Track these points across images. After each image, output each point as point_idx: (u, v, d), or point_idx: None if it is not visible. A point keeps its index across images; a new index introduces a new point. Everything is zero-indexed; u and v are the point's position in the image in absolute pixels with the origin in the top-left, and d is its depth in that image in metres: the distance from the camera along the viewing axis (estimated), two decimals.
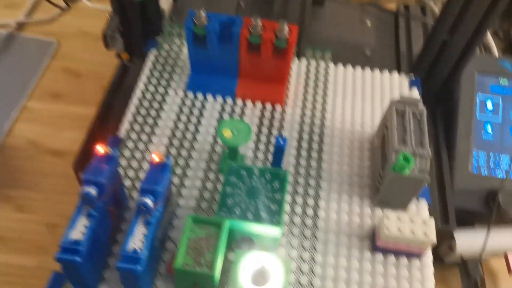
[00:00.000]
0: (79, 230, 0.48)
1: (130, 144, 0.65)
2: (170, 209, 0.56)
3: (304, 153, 0.66)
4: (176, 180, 0.62)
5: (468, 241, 0.73)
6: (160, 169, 0.51)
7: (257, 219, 0.51)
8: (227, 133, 0.57)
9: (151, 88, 0.72)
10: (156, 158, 0.51)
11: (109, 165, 0.51)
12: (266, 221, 0.51)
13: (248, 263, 0.51)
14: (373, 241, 0.58)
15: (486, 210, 0.75)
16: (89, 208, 0.49)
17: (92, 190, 0.49)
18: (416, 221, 0.55)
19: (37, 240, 0.80)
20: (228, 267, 0.55)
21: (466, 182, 0.76)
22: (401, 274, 0.56)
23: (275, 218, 0.51)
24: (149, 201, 0.49)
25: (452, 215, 0.72)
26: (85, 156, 0.73)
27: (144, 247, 0.48)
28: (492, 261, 0.79)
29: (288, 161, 0.65)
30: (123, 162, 0.64)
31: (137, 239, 0.48)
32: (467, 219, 0.77)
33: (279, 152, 0.56)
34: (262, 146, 0.66)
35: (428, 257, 0.58)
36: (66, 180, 0.85)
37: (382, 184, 0.59)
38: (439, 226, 0.70)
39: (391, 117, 0.60)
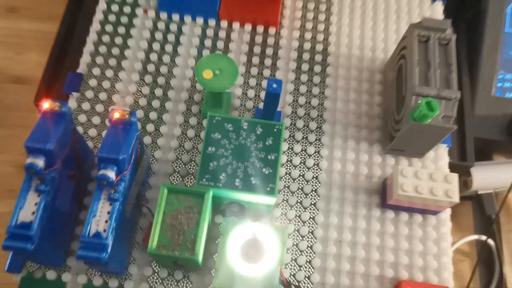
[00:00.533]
0: (29, 210, 0.40)
1: (92, 82, 0.54)
2: (144, 166, 0.46)
3: (303, 88, 0.55)
4: (150, 127, 0.52)
5: (485, 177, 0.65)
6: (122, 129, 0.41)
7: (247, 187, 0.42)
8: (207, 74, 0.46)
9: (115, 8, 0.58)
10: (116, 114, 0.41)
11: (59, 125, 0.41)
12: (258, 190, 0.42)
13: (238, 235, 0.43)
14: (383, 196, 0.50)
15: (509, 139, 0.66)
16: (38, 182, 0.40)
17: (38, 161, 0.39)
18: (437, 178, 0.46)
19: (8, 182, 0.72)
20: (216, 233, 0.47)
21: (488, 107, 0.66)
22: (414, 234, 0.49)
23: (269, 185, 0.42)
24: (110, 173, 0.39)
25: (470, 150, 0.63)
26: (47, 87, 0.62)
27: (110, 228, 0.39)
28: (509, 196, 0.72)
29: (284, 100, 0.54)
30: (85, 105, 0.53)
31: (101, 220, 0.40)
32: (485, 150, 0.69)
33: (272, 99, 0.45)
34: (252, 81, 0.55)
35: (446, 213, 0.50)
36: (32, 112, 0.75)
37: (397, 131, 0.49)
38: (455, 161, 0.62)
39: (411, 46, 0.48)
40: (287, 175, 0.50)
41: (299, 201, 0.50)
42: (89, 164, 0.49)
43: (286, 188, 0.50)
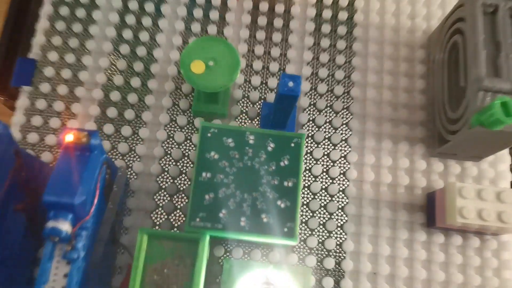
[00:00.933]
0: None
1: (48, 72, 0.41)
2: (119, 189, 0.35)
3: (323, 72, 0.42)
4: (126, 130, 0.40)
5: None
6: (79, 157, 0.29)
7: (257, 228, 0.31)
8: (198, 67, 0.33)
9: None
10: (69, 137, 0.29)
11: None
12: (272, 232, 0.31)
13: (247, 285, 0.33)
14: (430, 214, 0.39)
15: None
16: None
17: None
18: (506, 198, 0.35)
19: None
20: (216, 270, 0.37)
21: None
22: (470, 263, 0.38)
23: (286, 224, 0.31)
24: (63, 225, 0.28)
25: None
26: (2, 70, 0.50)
27: None
28: None
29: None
30: (40, 103, 0.40)
31: (56, 286, 0.29)
32: None
33: (287, 102, 0.33)
34: (257, 64, 0.42)
35: (509, 234, 0.39)
36: None
37: (452, 132, 0.37)
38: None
39: (474, 20, 0.35)
40: (306, 189, 0.39)
41: (321, 223, 0.39)
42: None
43: (305, 207, 0.39)
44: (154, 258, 0.31)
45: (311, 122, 0.41)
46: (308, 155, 0.40)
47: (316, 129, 0.41)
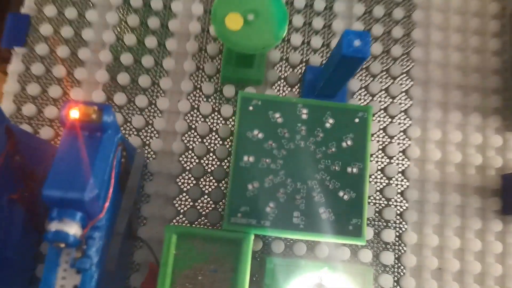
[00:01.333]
0: None
1: (45, 29, 0.34)
2: (136, 175, 0.28)
3: (378, 29, 0.35)
4: (141, 100, 0.33)
5: None
6: (89, 138, 0.23)
7: (313, 226, 0.25)
8: (234, 21, 0.26)
9: None
10: (74, 113, 0.22)
11: None
12: (333, 230, 0.25)
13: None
14: (507, 199, 0.33)
15: None
16: None
17: None
18: None
19: None
20: (253, 268, 0.30)
21: None
22: None
23: (351, 221, 0.25)
24: (70, 227, 0.21)
25: None
26: None
27: None
28: None
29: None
30: (37, 68, 0.33)
31: None
32: None
33: (349, 66, 0.26)
34: (298, 20, 0.35)
35: None
36: None
37: None
38: None
39: None
40: None
41: (377, 210, 0.32)
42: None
43: None
44: (185, 263, 0.25)
45: (363, 90, 0.34)
46: None
47: (370, 98, 0.34)
